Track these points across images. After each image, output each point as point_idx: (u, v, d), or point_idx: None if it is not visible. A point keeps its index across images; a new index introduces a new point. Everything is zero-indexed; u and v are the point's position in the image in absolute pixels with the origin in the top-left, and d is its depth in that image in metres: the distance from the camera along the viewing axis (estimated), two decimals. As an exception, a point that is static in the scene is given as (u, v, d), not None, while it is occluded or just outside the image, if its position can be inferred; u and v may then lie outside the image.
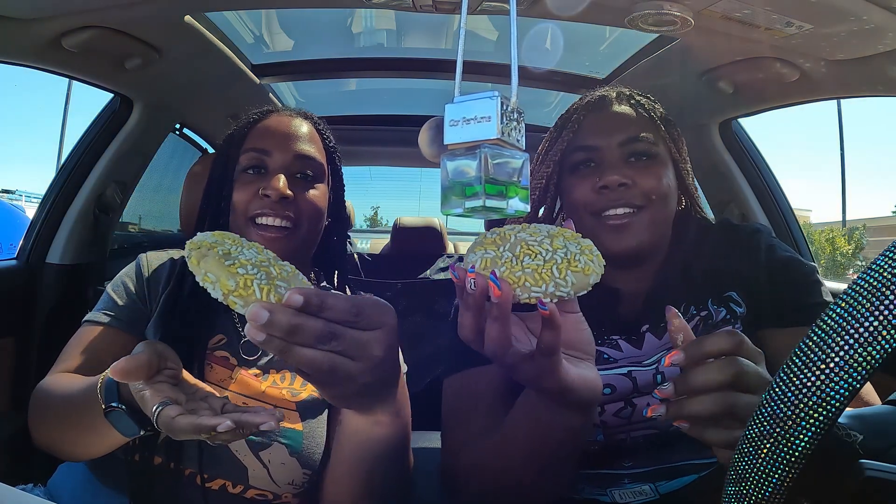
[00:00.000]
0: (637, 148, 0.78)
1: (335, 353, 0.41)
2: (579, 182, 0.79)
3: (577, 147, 0.80)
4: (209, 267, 0.43)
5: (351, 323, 0.42)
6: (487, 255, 0.47)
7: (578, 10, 0.91)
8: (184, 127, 1.68)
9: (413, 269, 1.99)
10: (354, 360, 0.42)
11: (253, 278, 0.42)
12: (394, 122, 1.97)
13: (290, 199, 0.77)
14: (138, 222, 1.92)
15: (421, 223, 2.27)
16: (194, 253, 0.45)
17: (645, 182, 0.76)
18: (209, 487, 0.66)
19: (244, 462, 0.67)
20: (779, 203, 1.52)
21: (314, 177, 0.81)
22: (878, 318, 0.26)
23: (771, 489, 0.30)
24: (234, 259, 0.44)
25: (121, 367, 0.50)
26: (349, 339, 0.41)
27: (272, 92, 1.64)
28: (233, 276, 0.42)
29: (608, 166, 0.77)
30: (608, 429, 0.76)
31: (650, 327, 0.78)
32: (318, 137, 0.86)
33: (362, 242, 4.25)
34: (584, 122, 0.81)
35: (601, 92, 0.85)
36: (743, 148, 1.51)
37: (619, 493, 0.77)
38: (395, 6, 0.96)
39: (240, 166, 0.80)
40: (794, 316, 0.74)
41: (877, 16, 0.79)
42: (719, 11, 0.85)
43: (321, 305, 0.40)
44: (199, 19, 1.10)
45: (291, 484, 0.68)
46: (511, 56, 0.45)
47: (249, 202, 0.77)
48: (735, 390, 0.46)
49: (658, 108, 0.84)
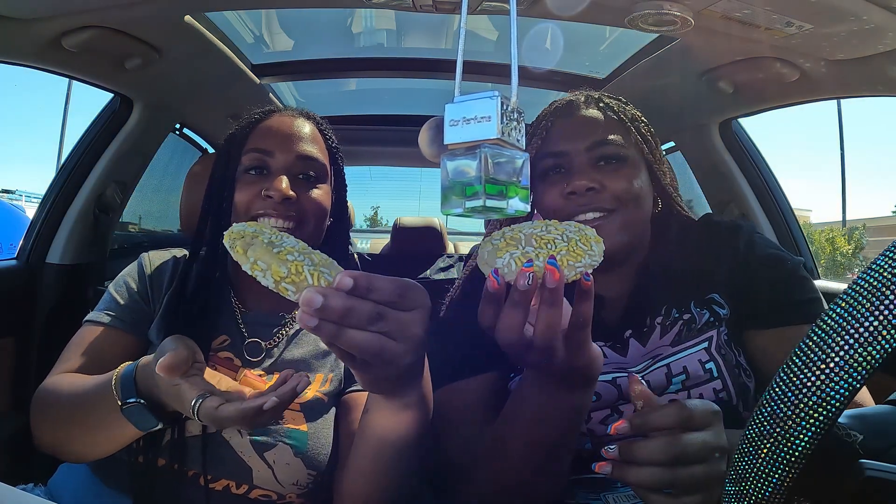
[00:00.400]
0: (605, 151, 0.76)
1: (381, 333, 0.42)
2: (549, 189, 0.78)
3: (545, 153, 0.80)
4: (258, 255, 0.43)
5: (394, 304, 0.43)
6: (514, 254, 0.49)
7: (578, 10, 0.91)
8: (184, 127, 1.68)
9: (413, 269, 1.99)
10: (397, 341, 0.43)
11: (302, 265, 0.43)
12: (394, 122, 1.97)
13: (293, 199, 0.76)
14: (138, 222, 1.92)
15: (421, 223, 2.27)
16: (239, 242, 0.45)
17: (614, 185, 0.74)
18: (213, 488, 0.66)
19: (249, 463, 0.67)
20: (779, 203, 1.52)
21: (317, 177, 0.81)
22: (878, 318, 0.26)
23: (771, 489, 0.30)
24: (280, 247, 0.44)
25: (167, 363, 0.52)
26: (393, 319, 0.42)
27: (272, 92, 1.64)
28: (284, 262, 0.43)
29: (576, 171, 0.76)
30: (595, 437, 0.75)
31: (633, 333, 0.77)
32: (321, 138, 0.85)
33: (362, 242, 4.24)
34: (552, 127, 0.81)
35: (570, 96, 0.84)
36: (743, 148, 1.51)
37: (612, 496, 0.76)
38: (395, 6, 0.96)
39: (242, 167, 0.79)
40: (777, 316, 0.73)
41: (877, 16, 0.79)
42: (719, 11, 0.85)
43: (369, 287, 0.41)
44: (199, 19, 1.10)
45: (296, 484, 0.68)
46: (511, 56, 0.45)
47: (252, 203, 0.77)
48: (678, 465, 0.48)
49: (629, 110, 0.83)
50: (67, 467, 0.74)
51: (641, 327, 0.77)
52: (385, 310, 0.42)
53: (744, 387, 0.73)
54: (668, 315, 0.76)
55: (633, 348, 0.77)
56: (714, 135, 1.48)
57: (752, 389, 0.74)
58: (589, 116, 0.80)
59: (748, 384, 0.73)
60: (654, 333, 0.77)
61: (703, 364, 0.72)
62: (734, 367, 0.73)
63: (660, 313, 0.77)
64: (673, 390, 0.72)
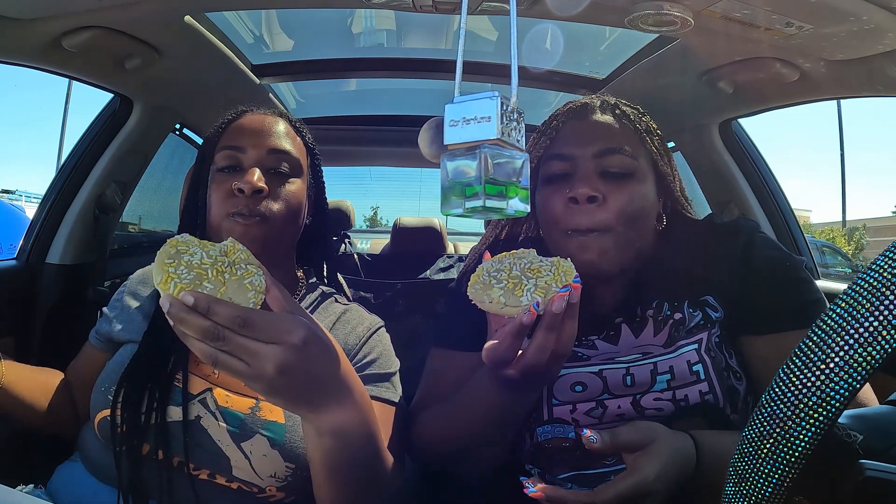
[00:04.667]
0: (612, 161, 0.74)
1: (223, 351, 0.48)
2: (550, 193, 0.76)
3: (551, 155, 0.78)
4: (155, 262, 0.51)
5: (237, 330, 0.47)
6: (539, 285, 0.57)
7: (578, 10, 0.91)
8: (184, 127, 1.68)
9: (413, 269, 1.99)
10: (248, 365, 0.48)
11: (174, 277, 0.49)
12: (394, 122, 1.97)
13: (265, 192, 0.76)
14: (138, 222, 1.92)
15: (421, 223, 2.27)
16: (161, 249, 0.53)
17: (616, 200, 0.72)
18: (197, 477, 0.67)
19: (227, 452, 0.67)
20: (779, 203, 1.52)
21: (290, 172, 0.80)
22: (878, 318, 0.26)
23: (771, 489, 0.30)
24: (177, 259, 0.51)
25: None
26: (236, 343, 0.47)
27: (272, 92, 1.64)
28: (162, 272, 0.50)
29: (580, 177, 0.73)
30: (580, 427, 0.75)
31: (625, 319, 0.77)
32: (295, 134, 0.85)
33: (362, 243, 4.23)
34: (562, 129, 0.79)
35: (585, 99, 0.83)
36: (743, 148, 1.51)
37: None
38: (395, 6, 0.96)
39: (215, 166, 0.79)
40: (773, 322, 0.71)
41: (877, 16, 0.79)
42: (719, 11, 0.85)
43: (208, 309, 0.47)
44: (199, 19, 1.10)
45: (274, 477, 0.68)
46: (511, 56, 0.45)
47: (224, 199, 0.76)
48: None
49: (645, 120, 0.81)
50: (66, 468, 0.75)
51: (633, 316, 0.77)
52: (225, 332, 0.47)
53: (732, 389, 0.72)
54: (660, 310, 0.76)
55: (625, 336, 0.77)
56: (714, 135, 1.48)
57: (741, 392, 0.73)
58: (602, 122, 0.78)
59: (738, 387, 0.73)
60: (647, 327, 0.76)
61: (691, 365, 0.72)
62: (723, 369, 0.72)
63: (651, 306, 0.77)
64: (658, 389, 0.72)
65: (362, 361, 0.77)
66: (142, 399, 0.68)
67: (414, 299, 1.70)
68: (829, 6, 0.79)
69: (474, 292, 0.59)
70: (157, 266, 0.50)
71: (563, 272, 0.57)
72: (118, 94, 1.32)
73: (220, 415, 0.68)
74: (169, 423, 0.68)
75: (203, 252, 0.53)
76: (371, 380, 0.76)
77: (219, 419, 0.68)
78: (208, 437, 0.67)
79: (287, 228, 0.80)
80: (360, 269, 1.90)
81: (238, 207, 0.75)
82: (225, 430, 0.67)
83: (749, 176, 1.51)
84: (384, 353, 0.80)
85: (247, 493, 0.69)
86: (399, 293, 1.72)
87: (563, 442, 0.76)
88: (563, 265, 0.58)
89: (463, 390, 0.72)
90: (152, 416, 0.67)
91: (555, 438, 0.76)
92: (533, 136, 0.84)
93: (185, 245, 0.53)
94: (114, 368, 0.73)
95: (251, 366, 0.48)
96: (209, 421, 0.68)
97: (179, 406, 0.68)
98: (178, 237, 0.54)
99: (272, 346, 0.48)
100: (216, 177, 0.79)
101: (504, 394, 0.63)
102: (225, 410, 0.68)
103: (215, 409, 0.68)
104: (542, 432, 0.77)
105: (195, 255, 0.52)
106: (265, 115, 0.84)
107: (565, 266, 0.58)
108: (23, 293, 1.27)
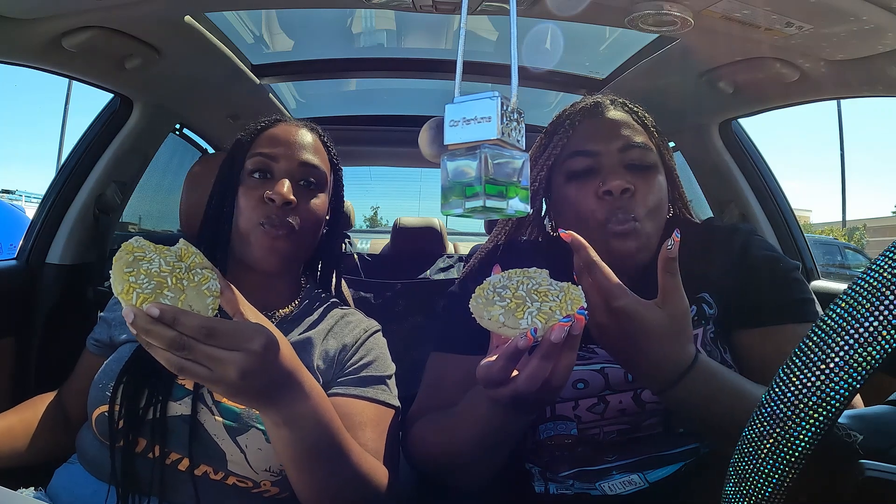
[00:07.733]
0: (636, 155, 0.76)
1: (188, 360, 0.49)
2: (579, 188, 0.77)
3: (574, 152, 0.79)
4: (114, 270, 0.51)
5: (203, 340, 0.49)
6: (542, 309, 0.54)
7: (578, 10, 0.91)
8: (184, 127, 1.68)
9: (413, 269, 1.99)
10: (212, 371, 0.50)
11: (136, 287, 0.50)
12: (394, 122, 1.97)
13: (293, 204, 0.78)
14: (138, 222, 1.92)
15: (421, 223, 2.27)
16: (117, 255, 0.52)
17: (645, 191, 0.75)
18: (193, 472, 0.67)
19: (222, 446, 0.68)
20: (779, 203, 1.52)
21: (317, 185, 0.83)
22: (878, 318, 0.26)
23: (771, 489, 0.30)
24: (136, 267, 0.51)
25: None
26: (200, 351, 0.49)
27: (272, 92, 1.64)
28: (123, 281, 0.50)
29: (610, 171, 0.75)
30: (582, 423, 0.76)
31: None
32: (323, 148, 0.87)
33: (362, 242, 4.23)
34: (579, 126, 0.80)
35: (596, 98, 0.84)
36: (743, 148, 1.50)
37: (608, 484, 0.77)
38: (395, 6, 0.96)
39: (246, 170, 0.81)
40: (765, 315, 0.73)
41: (877, 16, 0.79)
42: (719, 11, 0.85)
43: (174, 320, 0.48)
44: (199, 19, 1.10)
45: (269, 471, 0.69)
46: (511, 56, 0.45)
47: (254, 206, 0.78)
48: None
49: (649, 118, 0.83)
50: (65, 470, 0.75)
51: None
52: (189, 342, 0.49)
53: None
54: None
55: None
56: (714, 135, 1.48)
57: None
58: (619, 118, 0.80)
59: None
60: None
61: None
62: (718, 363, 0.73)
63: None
64: None
65: (358, 363, 0.78)
66: (141, 394, 0.69)
67: (414, 299, 1.70)
68: (829, 6, 0.79)
69: (475, 306, 0.57)
70: (116, 275, 0.50)
71: (571, 300, 0.55)
72: (118, 94, 1.32)
73: (216, 409, 0.69)
74: (168, 417, 0.68)
75: (161, 259, 0.53)
76: (367, 382, 0.76)
77: (215, 413, 0.68)
78: (204, 431, 0.68)
79: (307, 241, 0.82)
80: (360, 269, 1.90)
81: (268, 213, 0.77)
82: (221, 425, 0.68)
83: (749, 176, 1.51)
84: (380, 357, 0.81)
85: (241, 488, 0.69)
86: (399, 293, 1.72)
87: (565, 439, 0.76)
88: (573, 293, 0.56)
89: (459, 404, 0.70)
90: (150, 410, 0.68)
91: (557, 435, 0.77)
92: (541, 137, 0.85)
93: (141, 251, 0.53)
94: (112, 366, 0.73)
95: (214, 371, 0.50)
96: (206, 415, 0.68)
97: (178, 401, 0.69)
98: (132, 242, 0.54)
99: (234, 352, 0.50)
100: (247, 180, 0.80)
101: (496, 412, 0.62)
102: (221, 405, 0.69)
103: (212, 403, 0.69)
104: (545, 429, 0.77)
105: (153, 261, 0.52)
106: (298, 127, 0.86)
107: (574, 294, 0.56)
108: (23, 293, 1.27)
